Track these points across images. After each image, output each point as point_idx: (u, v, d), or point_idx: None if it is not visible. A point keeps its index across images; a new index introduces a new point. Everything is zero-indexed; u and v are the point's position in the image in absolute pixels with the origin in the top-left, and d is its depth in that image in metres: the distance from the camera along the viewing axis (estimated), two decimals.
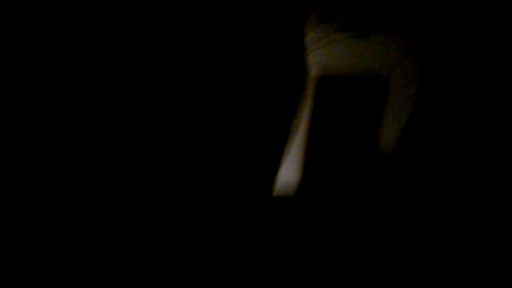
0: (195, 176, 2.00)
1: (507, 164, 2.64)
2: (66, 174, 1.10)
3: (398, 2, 3.88)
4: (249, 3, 2.08)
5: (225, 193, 2.58)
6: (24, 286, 1.04)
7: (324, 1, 4.13)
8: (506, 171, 2.61)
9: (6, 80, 0.98)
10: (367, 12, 4.38)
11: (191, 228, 2.06)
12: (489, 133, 3.10)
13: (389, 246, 3.05)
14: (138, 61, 1.31)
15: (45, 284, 1.08)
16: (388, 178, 4.51)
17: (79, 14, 1.10)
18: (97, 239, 1.21)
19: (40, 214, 1.06)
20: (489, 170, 2.84)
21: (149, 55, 1.42)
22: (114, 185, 1.37)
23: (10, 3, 0.97)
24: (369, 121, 5.44)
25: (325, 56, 5.46)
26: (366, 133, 5.46)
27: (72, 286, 1.13)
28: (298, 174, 5.76)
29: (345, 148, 5.54)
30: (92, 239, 1.19)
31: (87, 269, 1.15)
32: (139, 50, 1.29)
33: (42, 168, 1.06)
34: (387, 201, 4.42)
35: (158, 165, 1.77)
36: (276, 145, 3.10)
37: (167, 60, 1.79)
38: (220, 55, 2.15)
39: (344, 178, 5.53)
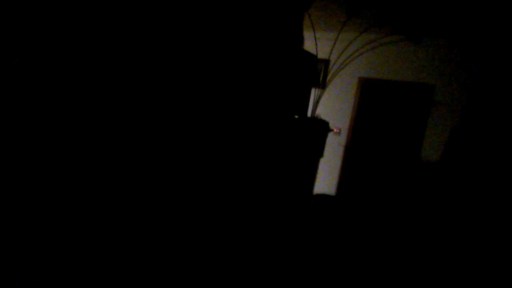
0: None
1: None
2: (66, 174, 1.08)
3: (451, 7, 3.73)
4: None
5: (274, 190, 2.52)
6: (24, 286, 1.02)
7: (375, 5, 4.03)
8: None
9: (6, 80, 0.95)
10: (419, 16, 4.23)
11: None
12: None
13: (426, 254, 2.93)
14: (141, 61, 1.27)
15: (45, 284, 1.06)
16: (429, 186, 4.33)
17: (79, 14, 1.07)
18: (99, 239, 1.19)
19: (40, 214, 1.04)
20: None
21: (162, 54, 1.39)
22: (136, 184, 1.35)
23: (10, 3, 0.94)
24: (413, 128, 5.25)
25: (373, 59, 5.32)
26: (409, 138, 5.28)
27: (72, 286, 1.11)
28: (339, 176, 5.59)
29: (386, 153, 5.38)
30: (92, 239, 1.17)
31: (87, 269, 1.13)
32: (139, 50, 1.26)
33: (42, 168, 1.03)
34: (426, 209, 4.26)
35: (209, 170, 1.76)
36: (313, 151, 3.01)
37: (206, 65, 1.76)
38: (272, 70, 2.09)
39: (384, 182, 5.37)
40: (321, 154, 4.16)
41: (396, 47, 5.43)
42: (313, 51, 4.20)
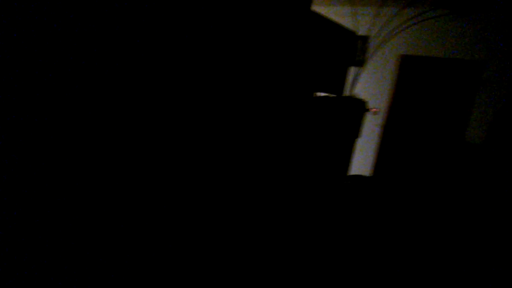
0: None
1: None
2: (65, 173, 1.07)
3: None
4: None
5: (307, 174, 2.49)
6: (24, 285, 1.06)
7: None
8: None
9: (6, 80, 0.96)
10: None
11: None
12: None
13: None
14: (143, 61, 1.24)
15: (45, 284, 1.10)
16: (473, 168, 4.13)
17: (79, 14, 1.04)
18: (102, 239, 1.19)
19: (40, 214, 1.03)
20: None
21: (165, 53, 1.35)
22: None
23: (10, 3, 0.95)
24: (459, 106, 5.00)
25: (415, 35, 5.07)
26: (454, 118, 5.03)
27: (72, 286, 1.12)
28: (375, 157, 5.45)
29: (427, 134, 5.19)
30: (93, 239, 1.16)
31: (87, 269, 1.13)
32: (139, 50, 1.22)
33: (42, 168, 1.04)
34: (473, 193, 4.07)
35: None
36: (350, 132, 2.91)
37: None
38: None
39: (424, 164, 5.20)
40: (357, 135, 4.05)
41: (440, 22, 5.10)
42: (351, 28, 4.04)
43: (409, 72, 5.62)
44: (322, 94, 3.58)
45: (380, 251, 2.36)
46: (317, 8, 6.37)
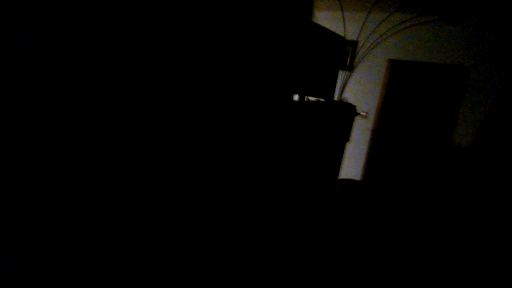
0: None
1: None
2: (65, 174, 1.07)
3: None
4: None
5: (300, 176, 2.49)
6: (24, 286, 1.05)
7: None
8: None
9: (6, 80, 0.95)
10: None
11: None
12: None
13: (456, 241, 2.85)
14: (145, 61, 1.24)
15: (45, 284, 1.07)
16: (460, 171, 4.19)
17: (79, 14, 1.04)
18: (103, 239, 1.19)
19: (40, 214, 1.03)
20: None
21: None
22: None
23: (10, 3, 0.92)
24: (446, 111, 5.08)
25: (403, 40, 5.14)
26: (441, 122, 5.11)
27: (72, 285, 1.11)
28: (365, 160, 5.50)
29: (415, 138, 5.24)
30: (94, 239, 1.16)
31: (87, 269, 1.13)
32: (139, 50, 1.23)
33: (42, 168, 1.03)
34: (460, 196, 4.13)
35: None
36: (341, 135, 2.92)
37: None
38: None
39: (412, 167, 5.26)
40: (347, 139, 4.08)
41: (428, 27, 5.19)
42: (340, 33, 4.08)
43: (398, 77, 5.70)
44: (312, 98, 3.60)
45: (369, 253, 2.38)
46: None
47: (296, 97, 3.48)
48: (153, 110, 1.27)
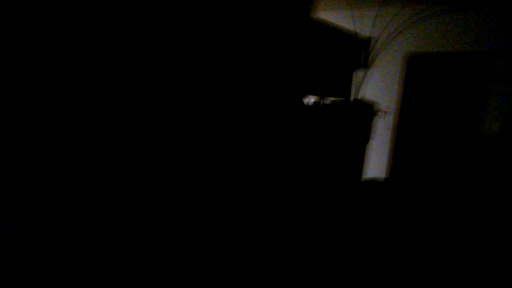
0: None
1: None
2: (66, 174, 1.06)
3: None
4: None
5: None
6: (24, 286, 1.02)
7: None
8: None
9: (6, 80, 0.93)
10: None
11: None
12: None
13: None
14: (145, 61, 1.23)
15: (45, 284, 1.06)
16: (490, 162, 4.02)
17: (79, 14, 1.04)
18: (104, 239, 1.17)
19: (40, 214, 1.03)
20: None
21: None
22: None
23: (10, 3, 0.92)
24: (470, 103, 4.91)
25: (419, 33, 5.02)
26: (467, 113, 4.94)
27: (72, 285, 1.10)
28: (391, 158, 5.36)
29: (440, 131, 5.08)
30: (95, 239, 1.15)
31: (86, 269, 1.11)
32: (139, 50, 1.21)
33: (42, 168, 1.02)
34: (488, 188, 3.95)
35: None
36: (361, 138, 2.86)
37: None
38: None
39: (441, 161, 5.08)
40: (367, 139, 3.98)
41: (443, 18, 5.02)
42: (353, 30, 4.01)
43: (416, 70, 5.54)
44: (330, 99, 3.54)
45: (392, 254, 2.29)
46: (324, 13, 6.37)
47: (312, 100, 3.43)
48: (162, 112, 1.27)
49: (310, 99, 3.47)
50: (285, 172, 2.06)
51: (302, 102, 2.76)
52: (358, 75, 4.08)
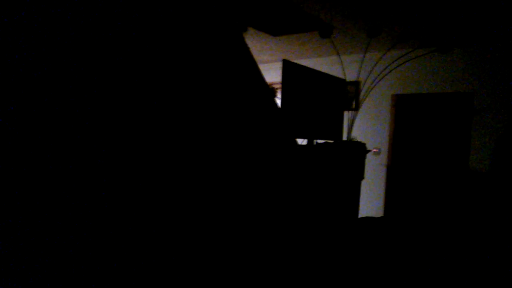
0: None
1: None
2: (65, 174, 1.08)
3: (478, 15, 3.67)
4: None
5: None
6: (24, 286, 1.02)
7: (400, 20, 4.04)
8: None
9: (7, 80, 0.96)
10: (447, 27, 4.18)
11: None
12: None
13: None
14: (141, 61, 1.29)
15: (44, 284, 1.05)
16: (480, 196, 4.11)
17: (79, 14, 1.10)
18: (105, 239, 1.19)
19: (39, 214, 1.04)
20: None
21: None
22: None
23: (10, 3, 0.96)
24: (457, 137, 5.09)
25: (404, 75, 5.29)
26: (454, 149, 5.10)
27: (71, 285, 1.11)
28: (384, 196, 5.44)
29: (431, 168, 5.22)
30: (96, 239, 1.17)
31: (86, 269, 1.12)
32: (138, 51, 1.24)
33: (41, 168, 1.03)
34: (481, 220, 4.02)
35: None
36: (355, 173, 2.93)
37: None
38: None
39: (433, 197, 5.18)
40: (361, 177, 4.08)
41: (427, 59, 5.33)
42: (341, 75, 4.24)
43: (404, 110, 5.77)
44: (320, 141, 3.67)
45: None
46: (305, 61, 6.69)
47: (305, 141, 3.56)
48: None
49: (304, 141, 3.60)
50: (280, 212, 2.12)
51: (296, 143, 2.88)
52: (349, 116, 4.26)
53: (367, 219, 4.40)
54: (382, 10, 3.90)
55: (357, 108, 5.71)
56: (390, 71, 4.69)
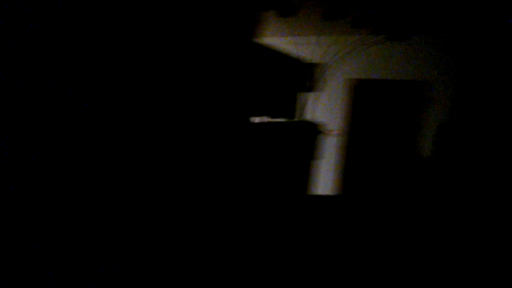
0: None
1: None
2: (64, 174, 1.09)
3: (432, 3, 3.77)
4: None
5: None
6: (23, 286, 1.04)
7: (356, 6, 4.08)
8: None
9: (7, 80, 0.97)
10: (402, 14, 4.27)
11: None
12: None
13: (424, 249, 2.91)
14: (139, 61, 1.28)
15: (44, 284, 1.08)
16: (427, 179, 4.33)
17: (79, 14, 1.11)
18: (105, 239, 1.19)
19: (39, 214, 1.04)
20: None
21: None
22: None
23: (10, 3, 0.96)
24: (408, 124, 5.28)
25: (361, 60, 5.38)
26: (405, 135, 5.30)
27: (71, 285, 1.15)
28: (337, 176, 5.58)
29: (383, 152, 5.39)
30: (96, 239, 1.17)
31: (86, 269, 1.12)
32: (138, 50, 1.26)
33: (41, 168, 1.04)
34: (426, 203, 4.23)
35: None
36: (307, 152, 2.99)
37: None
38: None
39: (382, 180, 5.39)
40: (312, 156, 4.17)
41: (382, 47, 5.46)
42: (298, 56, 4.26)
43: (360, 95, 5.91)
44: (271, 119, 3.71)
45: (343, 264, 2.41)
46: (268, 39, 6.67)
47: (257, 119, 3.58)
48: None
49: (255, 119, 3.63)
50: (230, 184, 2.14)
51: (249, 121, 2.89)
52: (302, 97, 4.31)
53: (320, 196, 4.54)
54: None
55: (311, 90, 5.79)
56: (346, 54, 4.77)
